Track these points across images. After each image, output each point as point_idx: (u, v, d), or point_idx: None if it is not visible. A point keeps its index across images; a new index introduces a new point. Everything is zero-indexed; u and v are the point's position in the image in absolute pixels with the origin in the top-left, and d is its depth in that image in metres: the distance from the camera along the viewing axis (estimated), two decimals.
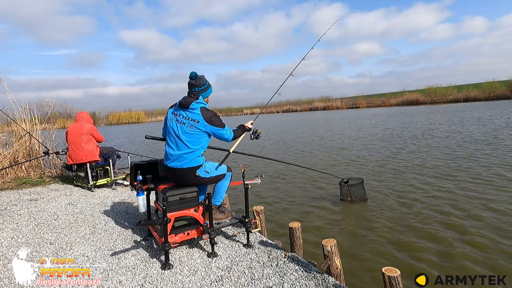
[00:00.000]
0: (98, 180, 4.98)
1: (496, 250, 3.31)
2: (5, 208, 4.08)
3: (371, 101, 72.56)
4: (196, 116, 2.47)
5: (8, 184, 5.48)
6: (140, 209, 2.72)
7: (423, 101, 58.85)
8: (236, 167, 3.05)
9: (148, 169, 2.91)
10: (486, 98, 52.36)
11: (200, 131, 2.48)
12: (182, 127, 2.49)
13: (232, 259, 2.50)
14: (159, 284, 2.16)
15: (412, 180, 6.11)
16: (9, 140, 6.55)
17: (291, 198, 5.60)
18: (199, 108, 2.49)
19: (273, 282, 2.14)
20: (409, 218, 4.29)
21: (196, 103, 2.49)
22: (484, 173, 6.20)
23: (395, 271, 1.85)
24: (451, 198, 4.96)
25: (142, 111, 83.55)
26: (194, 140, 2.48)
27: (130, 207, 3.99)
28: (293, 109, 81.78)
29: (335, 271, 2.23)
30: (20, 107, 6.56)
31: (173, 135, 2.53)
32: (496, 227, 3.84)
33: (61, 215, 3.72)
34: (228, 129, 2.62)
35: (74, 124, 5.00)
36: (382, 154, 9.13)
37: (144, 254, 2.63)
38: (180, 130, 2.49)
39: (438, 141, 10.84)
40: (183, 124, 2.49)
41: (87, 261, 2.52)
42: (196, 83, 2.54)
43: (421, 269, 2.99)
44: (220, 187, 2.77)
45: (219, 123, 2.53)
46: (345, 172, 7.23)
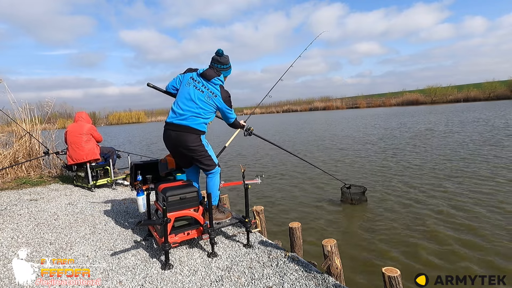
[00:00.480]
0: (98, 180, 4.98)
1: (496, 250, 3.31)
2: (5, 208, 4.08)
3: (371, 101, 72.54)
4: (216, 91, 2.57)
5: (8, 184, 5.48)
6: (140, 209, 2.72)
7: (423, 101, 58.81)
8: (236, 167, 3.06)
9: (148, 169, 2.91)
10: (486, 98, 52.33)
11: (214, 104, 2.58)
12: (200, 94, 2.55)
13: (232, 259, 2.50)
14: (159, 284, 2.16)
15: (412, 180, 6.11)
16: (9, 140, 6.56)
17: (291, 198, 5.60)
18: (219, 85, 2.60)
19: (273, 282, 2.14)
20: (409, 218, 4.29)
21: (217, 79, 2.59)
22: (483, 173, 6.20)
23: (395, 271, 1.85)
24: (451, 198, 4.95)
25: (142, 111, 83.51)
26: (207, 110, 2.57)
27: (130, 207, 3.99)
28: (293, 109, 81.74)
29: (335, 271, 2.23)
30: (20, 107, 6.56)
31: (188, 98, 2.56)
32: (496, 227, 3.84)
33: (61, 215, 3.72)
34: (233, 111, 2.76)
35: (74, 124, 5.00)
36: (381, 154, 9.12)
37: (144, 254, 2.63)
38: (197, 96, 2.55)
39: (437, 141, 10.84)
40: (202, 92, 2.56)
41: (87, 261, 2.53)
42: (221, 60, 2.63)
43: (421, 269, 2.99)
44: (212, 185, 2.73)
45: (230, 104, 2.69)
46: (345, 171, 7.23)
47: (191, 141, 2.54)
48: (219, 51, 2.60)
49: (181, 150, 2.60)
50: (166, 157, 3.02)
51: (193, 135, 2.55)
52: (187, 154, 2.61)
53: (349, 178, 6.53)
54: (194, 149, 2.57)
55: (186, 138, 2.54)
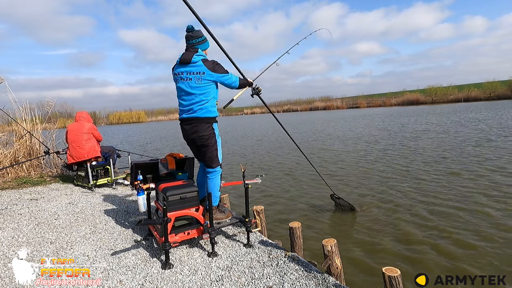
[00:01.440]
0: (99, 179, 4.99)
1: (496, 250, 3.30)
2: (6, 207, 4.09)
3: (371, 101, 72.50)
4: (200, 68, 2.53)
5: (9, 184, 5.48)
6: (140, 209, 2.72)
7: (424, 101, 58.78)
8: (236, 167, 3.05)
9: (149, 168, 2.91)
10: (487, 98, 52.29)
11: (208, 81, 2.56)
12: (189, 82, 2.55)
13: (233, 258, 2.50)
14: (160, 283, 2.16)
15: (413, 181, 6.11)
16: (9, 139, 6.57)
17: (292, 198, 5.59)
18: (200, 60, 2.55)
19: (273, 282, 2.14)
20: (409, 218, 4.29)
21: (197, 56, 2.55)
22: (484, 173, 6.20)
23: (395, 271, 1.85)
24: (451, 198, 4.95)
25: (143, 110, 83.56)
26: (205, 92, 2.56)
27: (131, 206, 3.99)
28: (293, 109, 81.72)
29: (335, 270, 2.23)
30: (21, 106, 6.58)
31: (184, 93, 2.60)
32: (496, 227, 3.83)
33: (62, 215, 3.73)
34: (232, 74, 2.67)
35: (74, 124, 5.01)
36: (381, 154, 9.12)
37: (144, 253, 2.63)
38: (189, 86, 2.55)
39: (437, 141, 10.83)
40: (190, 80, 2.55)
41: (87, 261, 2.53)
42: (193, 34, 2.60)
43: (421, 269, 2.99)
44: (213, 185, 2.75)
45: (223, 70, 2.60)
46: (345, 171, 7.23)
47: (204, 130, 2.59)
48: (188, 27, 2.59)
49: (196, 142, 2.66)
50: (166, 157, 3.03)
51: (205, 124, 2.60)
52: (200, 145, 2.66)
53: (350, 178, 6.54)
54: (206, 137, 2.61)
55: (198, 128, 2.59)
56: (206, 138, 2.62)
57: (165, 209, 2.35)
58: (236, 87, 2.76)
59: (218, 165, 2.73)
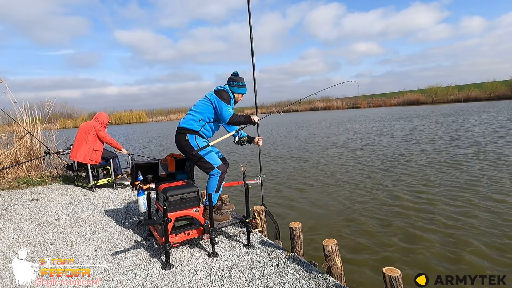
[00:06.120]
0: (99, 180, 4.99)
1: (496, 250, 3.30)
2: (6, 208, 4.09)
3: (371, 101, 72.41)
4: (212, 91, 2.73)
5: (9, 184, 5.49)
6: (140, 209, 2.72)
7: (424, 101, 58.68)
8: (236, 167, 3.05)
9: (149, 169, 2.91)
10: (487, 98, 52.20)
11: (207, 99, 2.69)
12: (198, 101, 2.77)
13: (233, 259, 2.51)
14: (160, 284, 2.16)
15: (413, 181, 6.11)
16: (10, 140, 6.57)
17: (292, 198, 5.59)
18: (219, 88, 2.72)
19: (274, 282, 2.14)
20: (409, 218, 4.29)
21: (220, 86, 2.75)
22: (483, 172, 6.20)
23: (395, 271, 1.85)
24: (451, 198, 4.95)
25: (143, 111, 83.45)
26: (198, 105, 2.71)
27: (131, 207, 3.99)
28: (293, 109, 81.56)
29: (335, 271, 2.23)
30: (21, 107, 6.58)
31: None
32: (496, 227, 3.83)
33: (62, 215, 3.73)
34: (230, 108, 2.64)
35: (87, 122, 5.05)
36: (381, 155, 9.12)
37: (144, 254, 2.64)
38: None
39: (436, 141, 10.83)
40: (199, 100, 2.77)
41: (87, 261, 2.53)
42: (234, 78, 2.79)
43: (421, 269, 2.99)
44: (208, 186, 2.74)
45: (225, 98, 2.64)
46: (345, 171, 7.23)
47: (181, 140, 2.68)
48: (234, 72, 2.84)
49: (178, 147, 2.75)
50: (167, 157, 3.03)
51: (181, 135, 2.67)
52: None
53: (357, 171, 6.54)
54: (185, 150, 2.68)
55: (178, 138, 2.71)
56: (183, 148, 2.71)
57: (166, 209, 2.35)
58: (226, 120, 2.62)
59: (212, 168, 2.71)
